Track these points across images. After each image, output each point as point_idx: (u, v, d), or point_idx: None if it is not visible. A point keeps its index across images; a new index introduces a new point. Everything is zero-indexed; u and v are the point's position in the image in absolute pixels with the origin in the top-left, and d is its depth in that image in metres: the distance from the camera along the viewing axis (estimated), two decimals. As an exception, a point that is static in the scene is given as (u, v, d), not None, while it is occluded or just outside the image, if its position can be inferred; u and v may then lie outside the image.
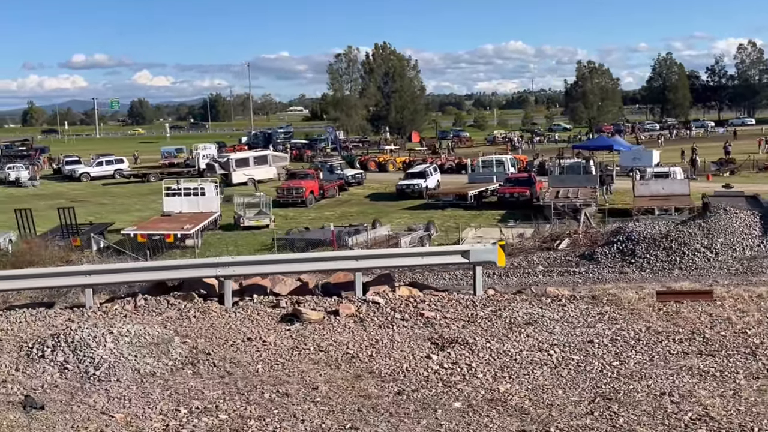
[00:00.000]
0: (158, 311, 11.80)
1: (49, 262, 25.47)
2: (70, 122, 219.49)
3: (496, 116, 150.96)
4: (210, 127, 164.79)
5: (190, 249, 30.06)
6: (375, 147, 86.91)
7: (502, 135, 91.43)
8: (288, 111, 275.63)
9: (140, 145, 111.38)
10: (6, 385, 8.78)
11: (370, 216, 38.89)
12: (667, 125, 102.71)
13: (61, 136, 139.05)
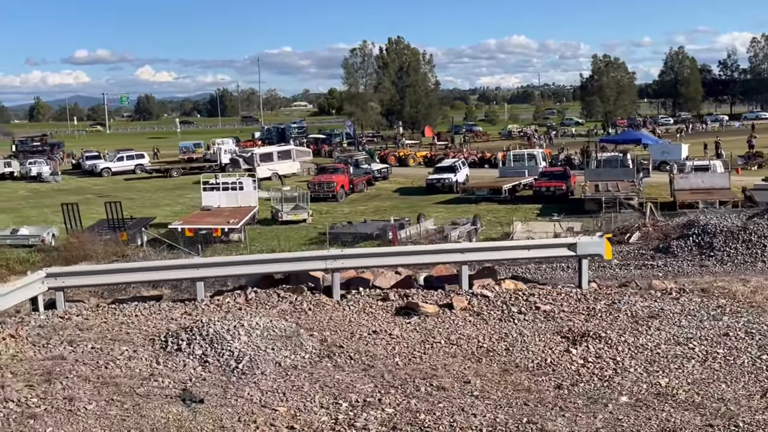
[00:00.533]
0: (270, 304, 11.73)
1: (105, 256, 25.51)
2: (77, 117, 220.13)
3: (507, 111, 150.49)
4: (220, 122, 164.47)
5: (235, 243, 30.05)
6: (389, 141, 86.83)
7: (519, 129, 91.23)
8: (292, 106, 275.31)
9: (151, 141, 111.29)
10: (156, 379, 8.71)
11: (403, 210, 38.82)
12: (682, 119, 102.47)
13: (71, 131, 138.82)
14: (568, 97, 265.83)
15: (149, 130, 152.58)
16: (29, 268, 26.54)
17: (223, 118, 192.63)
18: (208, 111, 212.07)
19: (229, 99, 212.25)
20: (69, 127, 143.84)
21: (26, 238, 29.99)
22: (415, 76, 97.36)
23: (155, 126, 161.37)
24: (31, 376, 8.64)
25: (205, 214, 32.19)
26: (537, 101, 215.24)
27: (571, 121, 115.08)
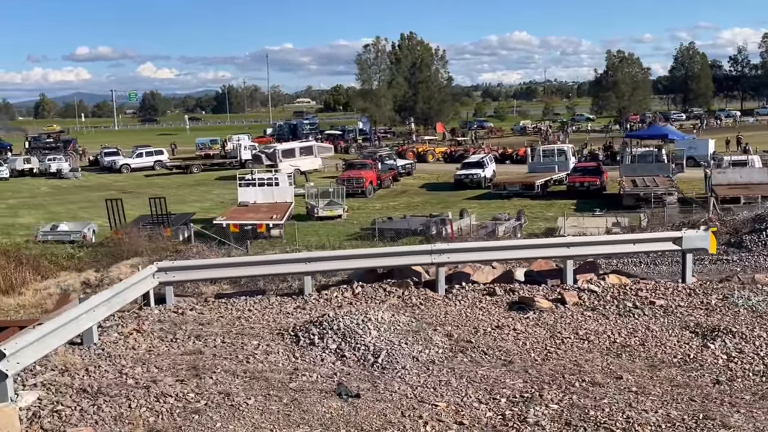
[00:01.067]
0: (379, 298, 11.61)
1: (155, 252, 25.37)
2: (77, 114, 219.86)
3: (515, 107, 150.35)
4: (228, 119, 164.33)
5: (277, 239, 29.92)
6: (402, 138, 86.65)
7: (533, 125, 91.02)
8: (295, 103, 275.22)
9: (161, 138, 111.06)
10: (303, 374, 8.60)
11: (435, 206, 38.72)
12: (695, 115, 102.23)
13: (78, 128, 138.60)
14: (573, 93, 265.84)
15: (157, 126, 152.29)
16: (77, 265, 26.50)
17: (229, 114, 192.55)
18: (213, 108, 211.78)
19: (235, 95, 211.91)
20: (77, 123, 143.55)
21: (67, 234, 29.88)
22: (427, 72, 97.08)
23: (163, 123, 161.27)
24: (177, 370, 8.53)
25: (245, 210, 32.06)
26: (542, 97, 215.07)
27: (582, 117, 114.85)
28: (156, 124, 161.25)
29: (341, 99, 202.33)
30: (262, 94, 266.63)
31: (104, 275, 23.69)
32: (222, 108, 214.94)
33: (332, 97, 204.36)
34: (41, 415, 7.41)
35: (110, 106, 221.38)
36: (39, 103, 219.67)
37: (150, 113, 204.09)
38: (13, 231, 35.51)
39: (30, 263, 24.85)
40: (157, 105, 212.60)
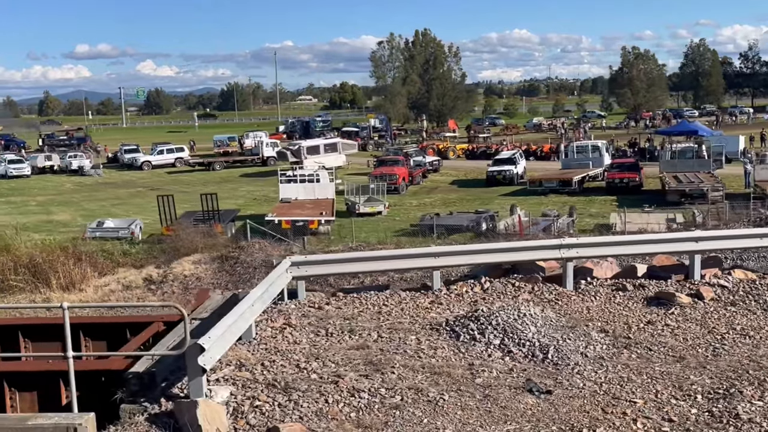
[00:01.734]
0: (509, 293, 11.43)
1: (215, 248, 25.17)
2: (85, 112, 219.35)
3: (525, 104, 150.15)
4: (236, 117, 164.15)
5: (324, 235, 29.75)
6: (413, 135, 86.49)
7: (548, 122, 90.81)
8: (298, 100, 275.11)
9: (170, 135, 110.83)
10: (482, 369, 8.43)
11: (472, 202, 38.63)
12: (707, 112, 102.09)
13: (87, 126, 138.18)
14: (577, 90, 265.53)
15: (166, 123, 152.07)
16: (132, 261, 26.28)
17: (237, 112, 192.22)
18: (218, 105, 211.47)
19: (241, 93, 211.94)
20: (85, 121, 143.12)
21: (115, 230, 29.73)
22: (440, 68, 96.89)
23: (171, 120, 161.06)
24: (354, 365, 8.36)
25: (290, 206, 31.87)
26: (544, 95, 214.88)
27: (593, 114, 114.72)
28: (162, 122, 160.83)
29: (347, 96, 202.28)
30: (264, 91, 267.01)
31: (167, 271, 23.52)
32: (227, 105, 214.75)
33: (338, 94, 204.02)
34: (243, 410, 7.25)
35: (114, 103, 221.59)
36: (43, 101, 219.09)
37: (155, 111, 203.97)
38: (53, 228, 35.32)
39: (88, 260, 24.64)
40: (161, 102, 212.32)
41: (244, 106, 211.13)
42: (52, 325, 10.60)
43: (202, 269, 23.22)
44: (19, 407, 8.61)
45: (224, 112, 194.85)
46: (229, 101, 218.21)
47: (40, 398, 8.60)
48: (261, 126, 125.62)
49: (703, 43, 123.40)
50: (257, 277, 22.50)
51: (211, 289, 17.87)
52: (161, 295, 22.46)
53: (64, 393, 8.56)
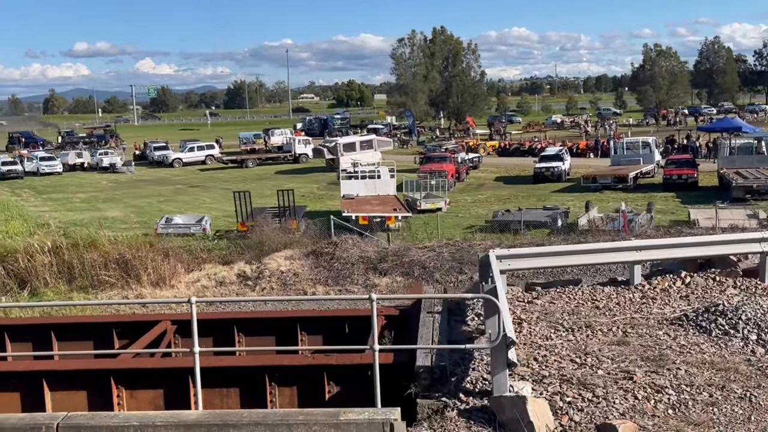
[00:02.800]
0: (714, 288, 11.18)
1: (302, 245, 24.90)
2: (90, 110, 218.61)
3: (539, 102, 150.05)
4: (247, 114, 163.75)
5: (395, 231, 29.50)
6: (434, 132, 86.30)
7: (571, 119, 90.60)
8: (299, 99, 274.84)
9: (182, 133, 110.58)
10: (764, 365, 8.19)
11: (527, 199, 38.42)
12: (725, 109, 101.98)
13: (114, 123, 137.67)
14: (578, 88, 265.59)
15: (177, 122, 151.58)
16: (217, 257, 25.98)
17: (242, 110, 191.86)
18: (225, 103, 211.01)
19: (247, 91, 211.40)
20: (97, 119, 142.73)
21: (187, 227, 29.50)
22: (459, 65, 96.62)
23: (174, 118, 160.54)
24: (632, 361, 8.12)
25: (358, 202, 31.58)
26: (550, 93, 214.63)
27: (609, 111, 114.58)
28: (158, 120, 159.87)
29: (354, 94, 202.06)
30: (268, 89, 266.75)
31: (260, 267, 23.27)
32: (233, 103, 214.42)
33: (345, 92, 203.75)
34: (560, 406, 7.02)
35: (120, 101, 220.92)
36: (48, 99, 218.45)
37: (161, 109, 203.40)
38: (111, 225, 34.91)
39: (174, 256, 24.38)
40: (168, 101, 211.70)
41: (250, 104, 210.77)
42: (265, 320, 10.37)
43: (297, 265, 22.96)
44: (278, 402, 8.39)
45: (230, 111, 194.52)
46: (235, 99, 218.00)
47: (300, 393, 8.36)
48: (272, 123, 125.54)
49: (718, 41, 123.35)
50: (356, 273, 22.33)
51: (421, 283, 17.69)
52: (260, 291, 22.25)
53: (326, 388, 8.33)
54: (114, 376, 8.36)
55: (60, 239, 24.97)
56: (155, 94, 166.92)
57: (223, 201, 43.45)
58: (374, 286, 21.27)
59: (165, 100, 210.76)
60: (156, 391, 8.41)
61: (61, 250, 24.08)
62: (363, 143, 57.30)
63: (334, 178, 50.41)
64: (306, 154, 62.20)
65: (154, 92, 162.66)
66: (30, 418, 7.18)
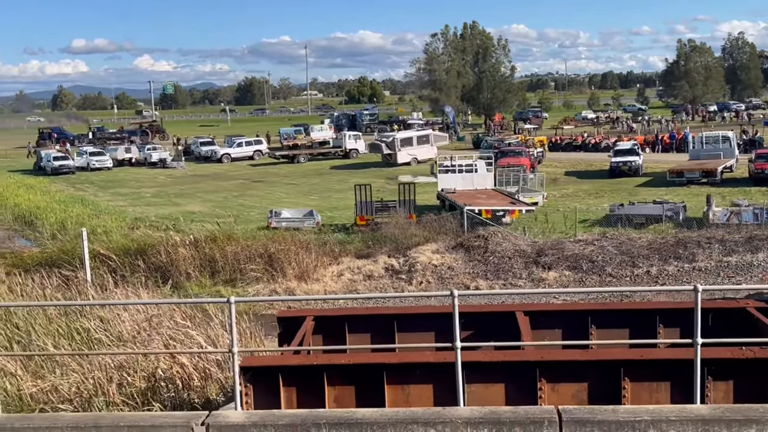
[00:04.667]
0: None
1: (442, 238, 24.45)
2: (99, 106, 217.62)
3: (560, 98, 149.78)
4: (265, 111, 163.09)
5: (508, 225, 29.03)
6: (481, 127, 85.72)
7: (605, 115, 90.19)
8: (303, 95, 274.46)
9: (203, 129, 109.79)
10: None
11: (614, 193, 38.01)
12: (753, 105, 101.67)
13: (116, 119, 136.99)
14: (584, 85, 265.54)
15: (188, 119, 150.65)
16: (350, 251, 25.52)
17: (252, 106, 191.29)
18: (236, 99, 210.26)
19: (258, 87, 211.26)
20: (113, 115, 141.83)
21: (300, 221, 29.06)
22: (490, 61, 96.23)
23: (184, 114, 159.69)
24: None
25: (470, 196, 31.08)
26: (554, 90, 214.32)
27: (634, 107, 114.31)
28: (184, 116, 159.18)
29: (366, 91, 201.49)
30: (273, 86, 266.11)
31: (409, 261, 22.86)
32: (244, 100, 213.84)
33: (357, 88, 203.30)
34: None
35: (129, 98, 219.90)
36: (57, 96, 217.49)
37: (171, 105, 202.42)
38: (202, 219, 34.32)
39: (315, 250, 23.95)
40: (177, 97, 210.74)
41: (261, 101, 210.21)
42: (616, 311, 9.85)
43: (449, 259, 22.55)
44: (712, 397, 7.87)
45: (243, 107, 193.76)
46: (246, 96, 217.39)
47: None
48: (292, 119, 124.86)
49: (742, 37, 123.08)
50: (516, 266, 21.87)
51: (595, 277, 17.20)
52: (418, 285, 21.78)
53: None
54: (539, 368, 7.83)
55: (195, 234, 24.49)
56: (172, 90, 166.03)
57: (298, 195, 43.01)
58: (541, 280, 20.88)
59: (176, 96, 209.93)
60: (580, 385, 7.89)
61: (200, 243, 23.65)
62: (420, 138, 56.89)
63: (394, 173, 50.14)
64: (356, 149, 61.70)
65: (171, 88, 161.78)
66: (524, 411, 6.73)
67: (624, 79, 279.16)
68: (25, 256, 23.63)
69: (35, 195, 43.87)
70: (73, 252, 23.19)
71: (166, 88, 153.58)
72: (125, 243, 23.74)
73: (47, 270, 20.39)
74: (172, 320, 12.33)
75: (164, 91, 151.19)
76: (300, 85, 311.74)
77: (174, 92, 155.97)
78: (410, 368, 8.03)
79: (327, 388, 8.03)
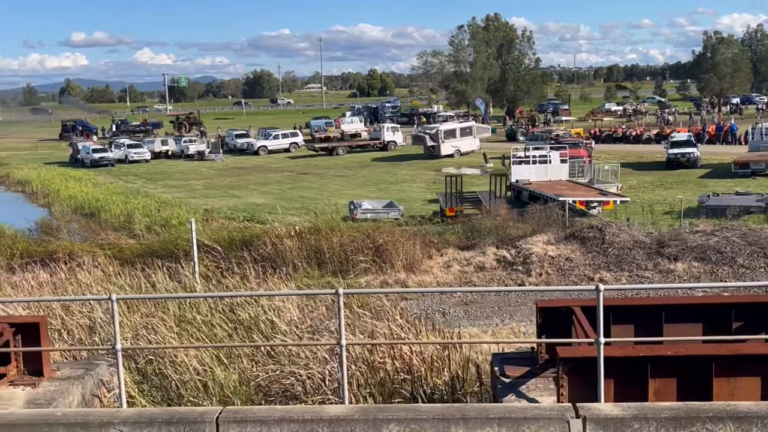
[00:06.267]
0: None
1: (548, 229, 23.96)
2: (107, 99, 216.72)
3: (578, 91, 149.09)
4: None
5: (594, 216, 28.59)
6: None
7: (633, 107, 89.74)
8: (307, 89, 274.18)
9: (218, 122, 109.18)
10: None
11: (684, 185, 37.72)
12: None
13: (130, 112, 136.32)
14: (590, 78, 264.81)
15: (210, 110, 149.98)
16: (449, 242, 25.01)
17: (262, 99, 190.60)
18: (245, 93, 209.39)
19: (267, 80, 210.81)
20: (127, 107, 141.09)
21: (386, 212, 28.66)
22: (513, 52, 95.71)
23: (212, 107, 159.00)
24: None
25: (550, 186, 30.65)
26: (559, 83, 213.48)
27: (654, 99, 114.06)
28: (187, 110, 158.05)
29: (376, 84, 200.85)
30: (276, 80, 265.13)
31: (521, 252, 22.37)
32: (252, 93, 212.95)
33: (367, 81, 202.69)
34: None
35: (137, 91, 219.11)
36: (64, 88, 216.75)
37: (178, 99, 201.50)
38: (271, 210, 33.84)
39: (419, 241, 23.44)
40: (186, 90, 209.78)
41: (269, 94, 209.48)
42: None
43: (565, 250, 22.04)
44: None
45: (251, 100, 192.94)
46: (255, 89, 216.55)
47: None
48: (306, 113, 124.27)
49: (761, 29, 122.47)
50: (638, 258, 21.39)
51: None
52: (537, 277, 21.29)
53: None
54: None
55: (297, 224, 23.99)
56: (186, 83, 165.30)
57: (354, 187, 42.55)
58: (669, 272, 20.39)
59: (184, 90, 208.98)
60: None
61: (305, 235, 23.17)
62: (463, 130, 56.46)
63: (439, 165, 49.77)
64: (394, 141, 61.24)
65: (185, 81, 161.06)
66: None
67: (629, 72, 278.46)
68: (125, 248, 23.09)
69: (86, 187, 43.38)
70: (173, 243, 22.69)
71: (180, 81, 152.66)
72: (229, 234, 23.22)
73: (150, 261, 19.97)
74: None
75: (178, 83, 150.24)
76: (303, 79, 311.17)
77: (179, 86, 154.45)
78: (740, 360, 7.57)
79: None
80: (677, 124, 62.73)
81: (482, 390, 9.74)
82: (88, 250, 22.71)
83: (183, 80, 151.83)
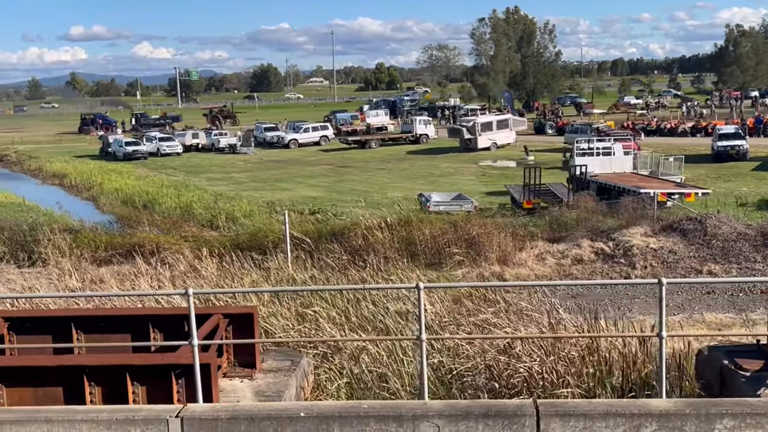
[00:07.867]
0: None
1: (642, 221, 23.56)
2: (114, 93, 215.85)
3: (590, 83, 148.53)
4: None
5: (668, 209, 28.24)
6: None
7: (655, 101, 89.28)
8: (309, 83, 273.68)
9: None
10: None
11: (741, 178, 37.42)
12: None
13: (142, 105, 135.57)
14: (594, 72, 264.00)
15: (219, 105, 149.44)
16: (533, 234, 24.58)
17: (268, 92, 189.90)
18: (252, 87, 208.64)
19: (274, 74, 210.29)
20: (139, 101, 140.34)
21: (458, 204, 28.28)
22: (533, 45, 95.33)
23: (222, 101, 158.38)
24: None
25: (616, 178, 30.26)
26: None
27: (670, 93, 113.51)
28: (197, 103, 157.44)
29: (384, 77, 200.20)
30: (281, 73, 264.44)
31: (620, 245, 21.98)
32: (260, 87, 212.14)
33: (374, 75, 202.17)
34: None
35: (142, 85, 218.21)
36: (69, 82, 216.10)
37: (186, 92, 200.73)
38: (339, 204, 33.35)
39: (511, 234, 23.04)
40: (192, 84, 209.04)
41: (276, 88, 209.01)
42: None
43: (667, 242, 21.61)
44: None
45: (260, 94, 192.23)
46: (262, 82, 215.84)
47: None
48: (317, 107, 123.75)
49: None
50: (745, 250, 21.00)
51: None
52: (642, 269, 20.90)
53: None
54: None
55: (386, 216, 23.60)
56: (197, 76, 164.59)
57: (401, 180, 42.18)
58: (780, 264, 20.04)
59: (189, 83, 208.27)
60: None
61: (394, 227, 22.78)
62: (500, 123, 56.05)
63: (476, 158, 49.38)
64: (426, 134, 60.82)
65: (196, 74, 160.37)
66: None
67: (633, 66, 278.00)
68: (211, 240, 22.69)
69: (129, 180, 42.92)
70: (264, 235, 22.35)
71: (191, 75, 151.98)
72: (316, 227, 22.84)
73: (242, 253, 19.66)
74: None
75: (189, 77, 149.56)
76: (304, 73, 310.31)
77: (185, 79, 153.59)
78: None
79: None
80: (712, 117, 62.34)
81: (691, 385, 9.37)
82: (173, 242, 22.29)
83: (194, 74, 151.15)
